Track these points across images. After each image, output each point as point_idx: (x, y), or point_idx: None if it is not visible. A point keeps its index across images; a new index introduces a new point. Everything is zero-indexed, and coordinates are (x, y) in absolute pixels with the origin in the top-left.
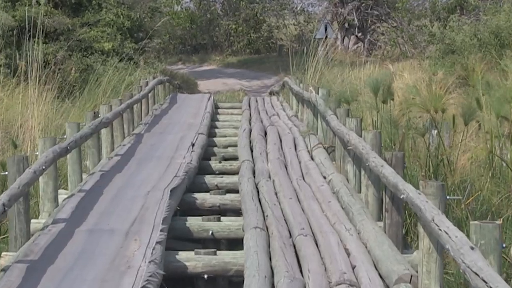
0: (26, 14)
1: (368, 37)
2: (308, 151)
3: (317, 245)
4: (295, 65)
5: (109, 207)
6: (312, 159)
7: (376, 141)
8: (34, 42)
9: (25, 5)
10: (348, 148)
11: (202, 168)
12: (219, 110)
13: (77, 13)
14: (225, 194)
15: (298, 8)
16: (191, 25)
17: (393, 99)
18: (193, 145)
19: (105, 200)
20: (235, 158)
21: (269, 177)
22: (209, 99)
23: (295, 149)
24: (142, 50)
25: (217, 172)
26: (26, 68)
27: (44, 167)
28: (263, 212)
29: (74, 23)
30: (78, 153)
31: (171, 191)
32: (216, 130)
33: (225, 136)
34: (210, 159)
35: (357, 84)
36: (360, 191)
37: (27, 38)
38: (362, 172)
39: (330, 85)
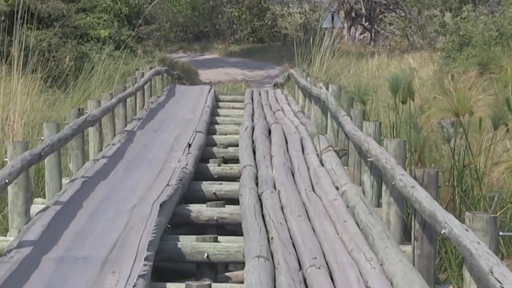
0: None
1: (375, 26)
2: (317, 155)
3: (332, 279)
4: (301, 56)
5: (87, 225)
6: (322, 164)
7: (400, 151)
8: (27, 28)
9: None
10: (368, 159)
11: (199, 171)
12: (220, 104)
13: None
14: (223, 206)
15: None
16: (193, 12)
17: (413, 99)
18: (189, 145)
19: (83, 215)
20: (235, 160)
21: (274, 187)
22: (209, 91)
23: (303, 152)
24: (140, 38)
25: (215, 176)
26: (19, 55)
27: (7, 181)
28: (267, 232)
29: (69, 8)
30: (57, 157)
31: (160, 205)
32: (216, 127)
33: (226, 134)
34: (208, 161)
35: (365, 77)
36: (378, 205)
37: (19, 24)
38: (383, 187)
39: (338, 77)
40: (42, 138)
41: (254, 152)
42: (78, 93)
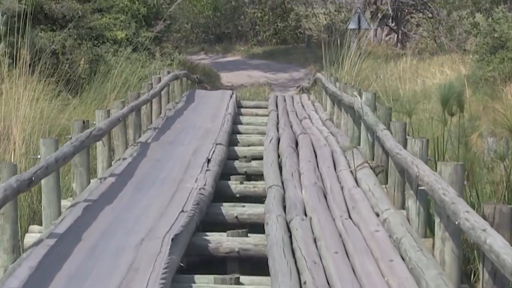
0: None
1: (402, 28)
2: (351, 171)
3: None
4: (328, 59)
5: (84, 266)
6: (357, 183)
7: (457, 177)
8: (41, 29)
9: None
10: (420, 188)
11: (219, 190)
12: (242, 110)
13: None
14: (246, 235)
15: None
16: (215, 13)
17: (462, 111)
18: (208, 161)
19: (81, 252)
20: (259, 175)
21: (305, 213)
22: (231, 96)
23: (334, 168)
24: (159, 40)
25: (237, 195)
26: (31, 58)
27: None
28: (298, 272)
29: (84, 8)
30: (55, 178)
31: (173, 239)
32: (238, 137)
33: (249, 145)
34: (229, 178)
35: (393, 80)
36: (425, 234)
37: (30, 25)
38: (436, 219)
39: (367, 81)
40: (39, 156)
41: (280, 167)
42: (92, 98)
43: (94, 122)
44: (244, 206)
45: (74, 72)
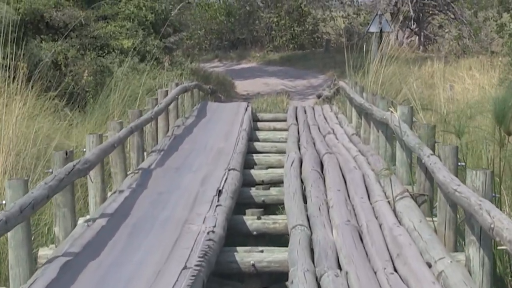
0: (32, 6)
1: (424, 30)
2: (389, 202)
3: None
4: (351, 66)
5: None
6: (398, 219)
7: None
8: (41, 39)
9: None
10: (499, 247)
11: (232, 227)
12: (259, 124)
13: (91, 5)
14: None
15: None
16: (229, 18)
17: None
18: (219, 192)
19: None
20: (279, 204)
21: (338, 264)
22: (246, 109)
23: (368, 198)
24: (169, 48)
25: (254, 233)
26: (30, 70)
27: None
28: None
29: (88, 16)
30: (25, 229)
31: None
32: (255, 157)
33: (267, 168)
34: (244, 212)
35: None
36: None
37: (30, 35)
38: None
39: (394, 89)
40: (4, 202)
41: (304, 196)
42: (96, 113)
43: (85, 150)
44: (262, 251)
45: (77, 85)
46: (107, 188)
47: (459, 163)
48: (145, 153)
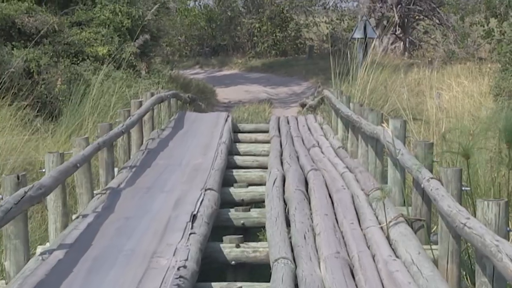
0: (2, 12)
1: (409, 36)
2: (381, 228)
3: None
4: (337, 73)
5: None
6: (393, 249)
7: None
8: (13, 46)
9: (2, 1)
10: None
11: (208, 256)
12: (240, 136)
13: (65, 10)
14: None
15: (331, 4)
16: (210, 24)
17: None
18: (194, 217)
19: None
20: (261, 227)
21: None
22: (226, 120)
23: (359, 222)
24: (146, 55)
25: (232, 262)
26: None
27: None
28: None
29: (61, 22)
30: None
31: None
32: (234, 173)
33: (247, 186)
34: (221, 239)
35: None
36: None
37: (1, 41)
38: None
39: (382, 98)
40: None
41: (287, 220)
42: (69, 124)
43: (44, 170)
44: (241, 287)
45: (50, 93)
46: (75, 209)
47: (463, 188)
48: (116, 169)
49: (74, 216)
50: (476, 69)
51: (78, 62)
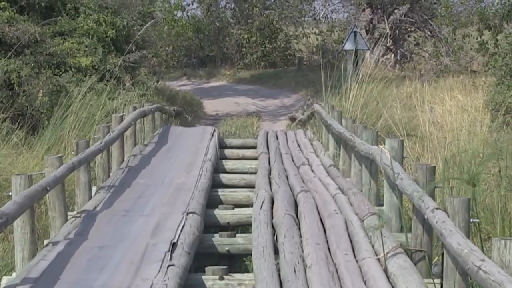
0: None
1: (400, 48)
2: (378, 259)
3: None
4: (328, 87)
5: None
6: (391, 284)
7: None
8: None
9: None
10: None
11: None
12: (226, 152)
13: (47, 20)
14: None
15: (321, 15)
16: (197, 34)
17: None
18: (173, 246)
19: None
20: (247, 255)
21: None
22: (212, 135)
23: (353, 253)
24: (131, 67)
25: None
26: None
27: None
28: None
29: (43, 32)
30: None
31: None
32: (220, 193)
33: (233, 208)
34: (204, 270)
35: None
36: None
37: None
38: None
39: (376, 113)
40: None
41: (275, 248)
42: (49, 137)
43: (11, 193)
44: None
45: (31, 105)
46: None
47: (471, 219)
48: (94, 188)
49: (46, 241)
50: (470, 83)
51: (61, 73)
